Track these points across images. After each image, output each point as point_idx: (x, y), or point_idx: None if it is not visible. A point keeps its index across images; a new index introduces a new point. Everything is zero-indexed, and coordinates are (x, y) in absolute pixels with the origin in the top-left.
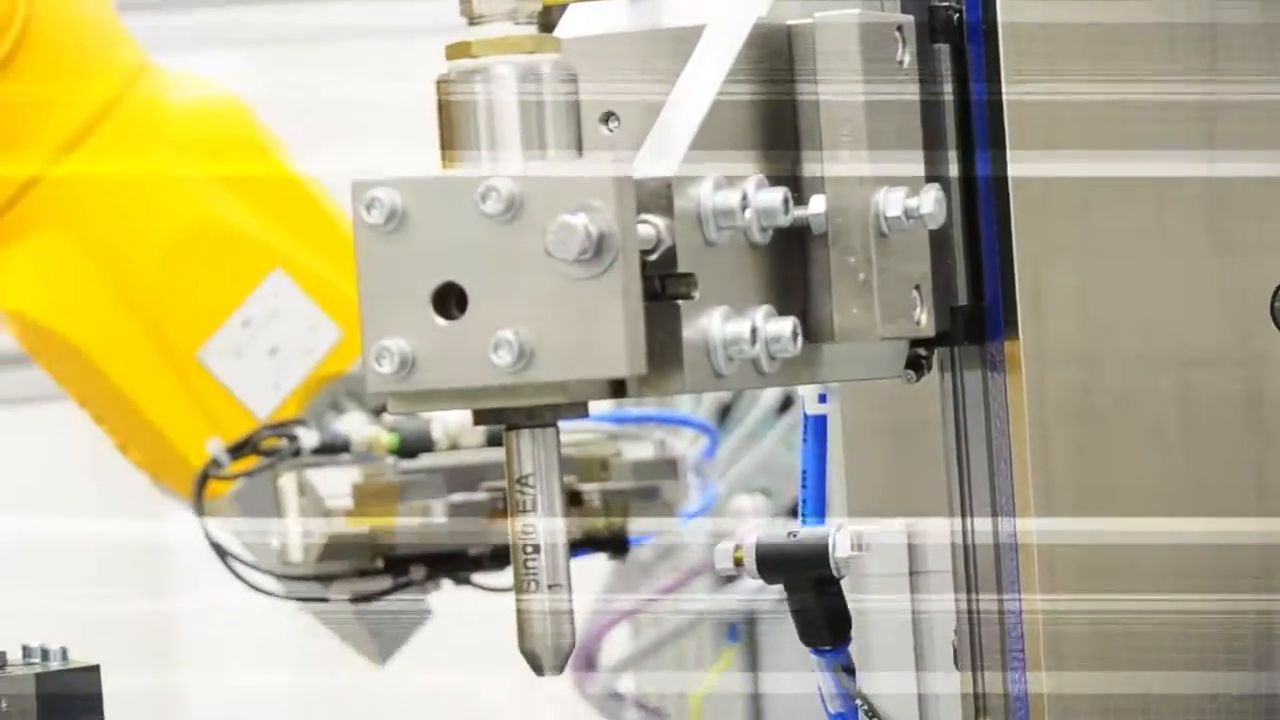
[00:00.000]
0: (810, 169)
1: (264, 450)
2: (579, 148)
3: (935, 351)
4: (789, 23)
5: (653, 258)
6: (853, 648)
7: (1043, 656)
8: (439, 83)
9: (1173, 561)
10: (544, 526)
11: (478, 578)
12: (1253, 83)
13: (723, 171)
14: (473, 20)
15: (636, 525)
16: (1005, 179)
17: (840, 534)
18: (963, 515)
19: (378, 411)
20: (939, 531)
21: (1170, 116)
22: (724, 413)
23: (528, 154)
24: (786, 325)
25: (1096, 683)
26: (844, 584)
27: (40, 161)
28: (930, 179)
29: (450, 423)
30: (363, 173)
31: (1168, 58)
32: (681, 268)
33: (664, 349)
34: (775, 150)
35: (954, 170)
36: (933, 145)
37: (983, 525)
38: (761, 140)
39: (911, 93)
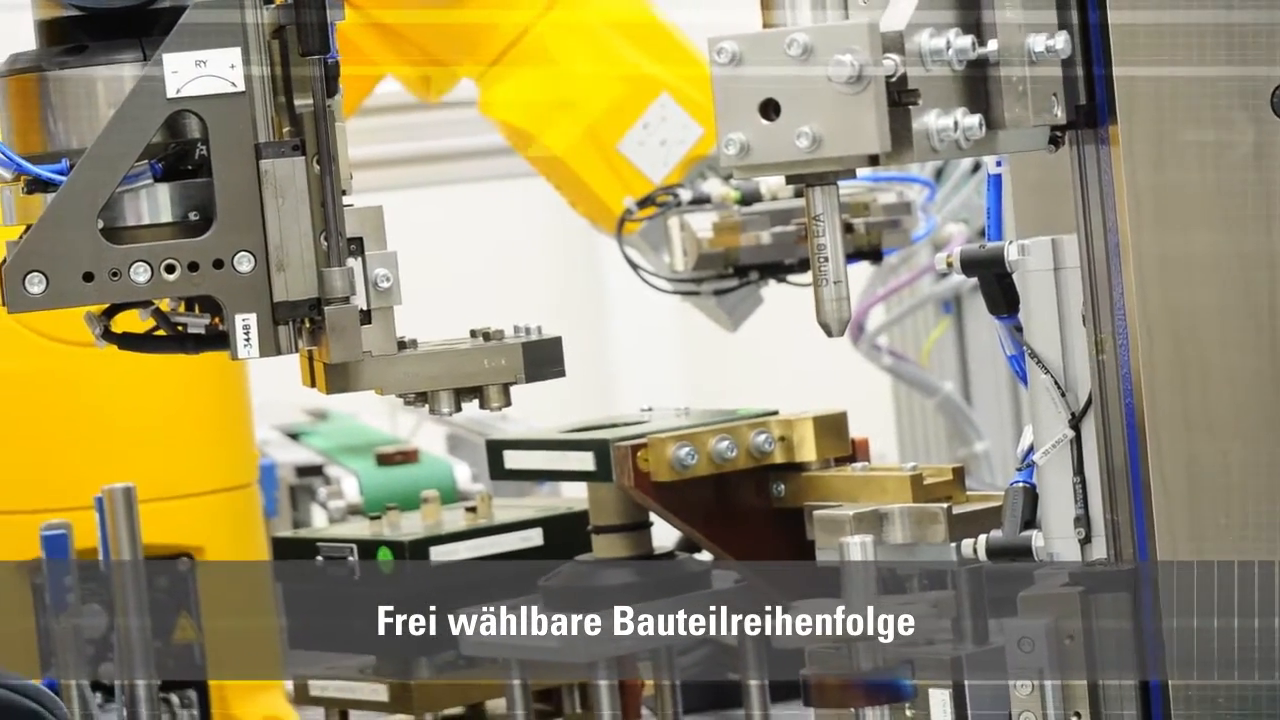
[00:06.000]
0: (987, 18)
1: (659, 203)
2: (845, 8)
3: (1066, 133)
4: None
5: (892, 80)
6: (1020, 316)
7: (1139, 320)
8: None
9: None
10: (830, 245)
11: (791, 278)
12: None
13: (935, 23)
14: None
15: (886, 243)
16: (1107, 25)
17: (1011, 246)
18: (1086, 231)
19: (727, 177)
20: (1070, 241)
21: None
22: (938, 173)
23: (815, 13)
24: (975, 119)
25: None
26: (1014, 277)
27: (520, 26)
28: (1061, 26)
29: (771, 183)
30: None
31: None
32: (910, 86)
33: (900, 135)
34: (967, 9)
35: (1075, 19)
36: (1063, 5)
37: (1098, 238)
38: (959, 1)
39: None
